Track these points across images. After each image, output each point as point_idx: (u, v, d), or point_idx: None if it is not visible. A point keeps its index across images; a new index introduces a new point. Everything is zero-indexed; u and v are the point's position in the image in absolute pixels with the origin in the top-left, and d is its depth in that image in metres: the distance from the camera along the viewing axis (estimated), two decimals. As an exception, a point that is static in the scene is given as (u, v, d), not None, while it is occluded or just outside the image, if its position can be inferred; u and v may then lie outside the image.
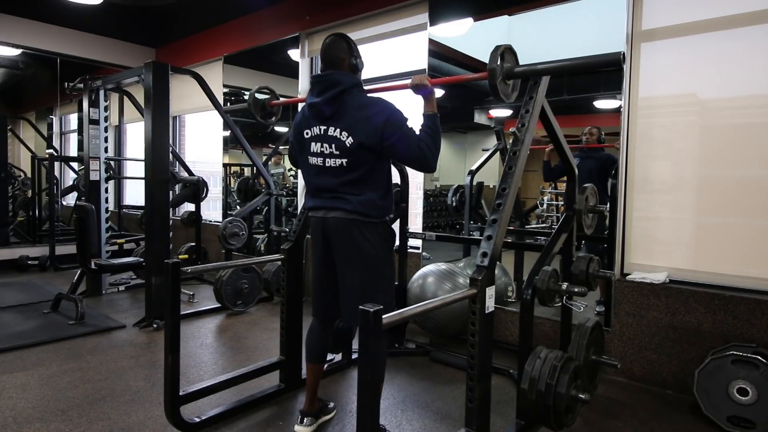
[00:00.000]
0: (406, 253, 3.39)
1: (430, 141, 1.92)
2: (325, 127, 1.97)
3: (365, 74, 4.76)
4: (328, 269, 2.16)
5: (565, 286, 2.10)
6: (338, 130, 1.94)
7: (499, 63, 1.91)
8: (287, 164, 6.00)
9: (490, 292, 1.86)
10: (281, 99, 2.41)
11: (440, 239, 3.47)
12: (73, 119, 7.59)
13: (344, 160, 1.95)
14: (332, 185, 2.00)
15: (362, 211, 1.98)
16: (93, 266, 4.08)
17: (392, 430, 2.31)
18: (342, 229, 2.01)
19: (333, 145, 1.96)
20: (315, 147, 2.01)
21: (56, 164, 6.28)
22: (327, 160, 1.98)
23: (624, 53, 1.76)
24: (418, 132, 1.94)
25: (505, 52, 1.94)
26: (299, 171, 4.96)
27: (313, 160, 2.03)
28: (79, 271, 4.17)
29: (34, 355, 3.11)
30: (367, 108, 1.93)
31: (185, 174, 5.63)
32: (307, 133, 2.04)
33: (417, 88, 1.99)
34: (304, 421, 2.23)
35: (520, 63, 2.03)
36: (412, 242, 3.78)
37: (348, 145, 1.93)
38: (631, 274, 2.88)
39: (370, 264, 2.03)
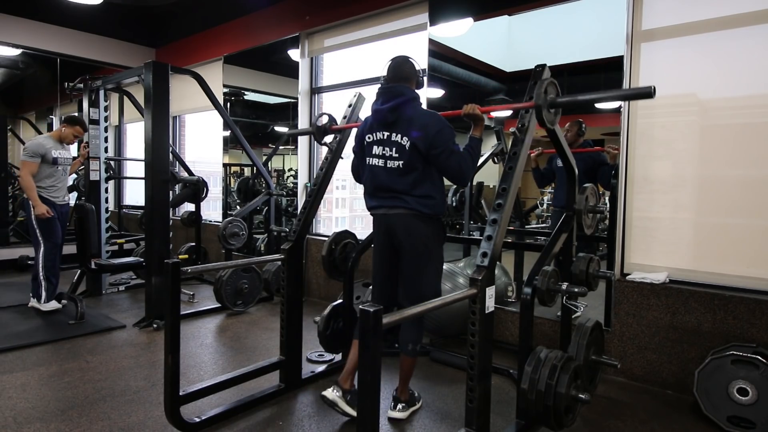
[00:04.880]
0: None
1: (470, 160, 2.22)
2: (388, 133, 2.23)
3: (365, 74, 4.77)
4: (390, 260, 2.38)
5: (565, 286, 2.11)
6: (399, 135, 2.20)
7: (544, 95, 2.07)
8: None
9: (490, 292, 1.86)
10: (339, 124, 2.83)
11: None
12: (73, 119, 7.57)
13: (401, 162, 2.21)
14: (391, 185, 2.25)
15: (419, 208, 2.22)
16: (93, 266, 4.08)
17: (392, 429, 2.31)
18: (403, 223, 2.26)
19: (393, 149, 2.22)
20: (377, 150, 2.28)
21: (56, 164, 6.26)
22: (388, 162, 2.25)
23: (654, 87, 1.85)
24: (462, 149, 2.23)
25: (549, 85, 2.10)
26: (298, 171, 4.94)
27: (374, 161, 2.29)
28: (79, 271, 4.17)
29: (34, 355, 3.11)
30: (424, 117, 2.19)
31: (185, 174, 5.63)
32: (369, 138, 2.31)
33: (468, 116, 2.23)
34: (334, 389, 2.30)
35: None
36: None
37: (406, 148, 2.18)
38: (631, 274, 2.88)
39: (425, 255, 2.27)
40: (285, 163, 6.33)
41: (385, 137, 2.24)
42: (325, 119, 2.81)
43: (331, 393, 2.30)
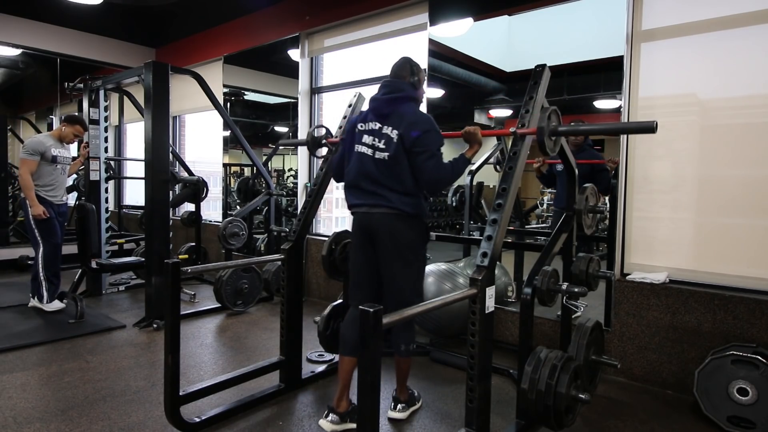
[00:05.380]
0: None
1: (449, 171, 2.18)
2: (380, 125, 2.23)
3: (365, 74, 4.76)
4: (370, 261, 2.32)
5: (565, 286, 2.10)
6: (390, 128, 2.20)
7: (546, 123, 2.07)
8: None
9: (490, 292, 1.86)
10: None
11: (440, 239, 3.46)
12: (73, 119, 7.57)
13: (387, 154, 2.19)
14: (377, 176, 2.21)
15: (402, 207, 2.19)
16: (94, 266, 4.08)
17: (392, 430, 2.31)
18: (385, 223, 2.21)
19: (383, 141, 2.21)
20: (367, 139, 2.26)
21: (56, 164, 6.26)
22: (376, 152, 2.22)
23: (656, 123, 1.86)
24: (446, 161, 2.20)
25: (552, 113, 2.10)
26: (298, 171, 4.93)
27: (362, 149, 2.26)
28: (79, 271, 4.17)
29: (34, 355, 3.11)
30: (416, 116, 2.21)
31: (185, 174, 5.63)
32: (361, 126, 2.30)
33: (468, 136, 2.23)
34: (329, 416, 2.23)
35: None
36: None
37: (394, 140, 2.18)
38: (631, 274, 2.88)
39: (409, 258, 2.24)
40: (285, 163, 6.33)
41: (377, 128, 2.23)
42: (322, 131, 2.81)
43: (329, 424, 2.22)
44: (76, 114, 4.23)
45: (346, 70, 4.78)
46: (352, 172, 2.30)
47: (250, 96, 6.13)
